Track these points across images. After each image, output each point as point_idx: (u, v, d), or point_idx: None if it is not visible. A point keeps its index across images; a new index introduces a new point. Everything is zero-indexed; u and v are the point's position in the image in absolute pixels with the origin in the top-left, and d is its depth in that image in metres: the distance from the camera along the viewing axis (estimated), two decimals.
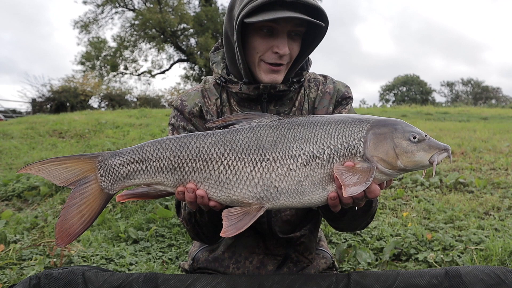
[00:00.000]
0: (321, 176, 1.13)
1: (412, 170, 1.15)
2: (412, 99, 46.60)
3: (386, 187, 1.20)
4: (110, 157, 1.18)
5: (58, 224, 1.13)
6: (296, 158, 1.13)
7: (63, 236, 1.13)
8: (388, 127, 1.15)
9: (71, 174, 1.16)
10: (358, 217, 1.41)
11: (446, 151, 1.12)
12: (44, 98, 24.55)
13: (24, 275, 2.35)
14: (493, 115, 16.48)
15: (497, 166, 5.07)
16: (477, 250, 2.54)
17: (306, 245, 1.64)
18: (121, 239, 3.00)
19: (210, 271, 1.63)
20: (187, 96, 1.55)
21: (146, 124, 9.85)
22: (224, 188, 1.15)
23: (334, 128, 1.16)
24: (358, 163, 1.12)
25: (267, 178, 1.13)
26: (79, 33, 30.87)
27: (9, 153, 6.44)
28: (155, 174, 1.17)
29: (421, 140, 1.13)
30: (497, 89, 51.97)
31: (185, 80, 34.83)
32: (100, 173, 1.17)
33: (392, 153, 1.11)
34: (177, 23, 30.81)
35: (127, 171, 1.17)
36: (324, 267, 1.69)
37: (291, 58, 1.40)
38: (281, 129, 1.17)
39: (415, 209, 3.55)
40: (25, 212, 3.76)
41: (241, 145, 1.16)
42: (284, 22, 1.32)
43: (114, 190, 1.18)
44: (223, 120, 1.24)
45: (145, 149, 1.18)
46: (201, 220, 1.41)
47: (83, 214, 1.14)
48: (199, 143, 1.17)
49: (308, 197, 1.14)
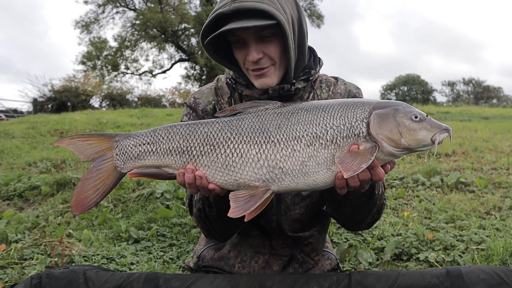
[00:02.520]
0: (325, 156, 1.15)
1: (415, 150, 1.17)
2: (413, 99, 46.59)
3: (390, 169, 1.22)
4: (125, 138, 1.26)
5: (75, 194, 1.22)
6: (300, 139, 1.16)
7: (78, 206, 1.22)
8: (390, 107, 1.17)
9: (93, 150, 1.26)
10: (361, 205, 1.40)
11: (447, 131, 1.15)
12: (45, 97, 24.62)
13: (26, 274, 2.35)
14: (494, 115, 16.46)
15: (498, 166, 5.06)
16: (478, 250, 2.54)
17: (313, 245, 1.64)
18: (122, 238, 3.00)
19: (215, 269, 1.64)
20: (200, 94, 1.58)
21: (147, 124, 9.86)
22: (231, 171, 1.18)
23: (336, 111, 1.19)
24: (361, 143, 1.14)
25: (272, 160, 1.16)
26: (80, 33, 30.96)
27: (11, 153, 6.45)
28: (164, 156, 1.23)
29: (423, 120, 1.15)
30: (498, 88, 51.96)
31: (186, 80, 34.89)
32: (116, 152, 1.25)
33: (396, 131, 1.14)
34: (178, 23, 30.83)
35: (139, 151, 1.24)
36: (329, 268, 1.70)
37: (273, 59, 1.40)
38: (285, 113, 1.21)
39: (416, 208, 3.54)
40: (26, 211, 3.76)
41: (247, 129, 1.20)
42: (243, 31, 1.34)
43: (126, 169, 1.25)
44: (231, 110, 1.27)
45: (157, 132, 1.25)
46: (210, 214, 1.44)
47: (98, 188, 1.23)
48: (207, 128, 1.22)
49: (312, 178, 1.16)
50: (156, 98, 28.46)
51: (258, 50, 1.36)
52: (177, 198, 3.66)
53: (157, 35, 31.65)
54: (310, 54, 1.56)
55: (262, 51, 1.37)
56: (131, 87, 37.41)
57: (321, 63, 1.58)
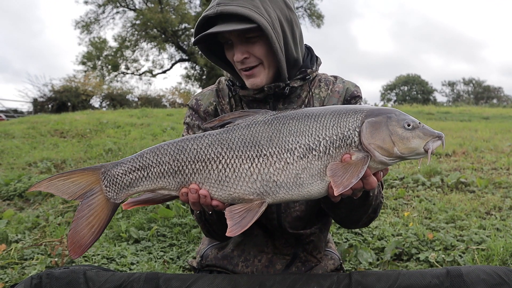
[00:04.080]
0: (319, 167, 1.15)
1: (408, 158, 1.16)
2: (414, 99, 46.58)
3: (383, 176, 1.22)
4: (112, 168, 1.21)
5: (70, 236, 1.16)
6: (292, 152, 1.15)
7: (75, 248, 1.16)
8: (382, 115, 1.16)
9: (78, 187, 1.19)
10: (356, 207, 1.42)
11: (440, 139, 1.14)
12: (45, 98, 24.62)
13: (26, 274, 2.35)
14: (495, 115, 16.46)
15: (499, 166, 5.06)
16: (478, 250, 2.54)
17: (315, 243, 1.65)
18: (122, 238, 3.00)
19: (219, 268, 1.65)
20: (202, 96, 1.61)
21: (147, 124, 9.86)
22: (225, 186, 1.17)
23: (328, 120, 1.17)
24: (353, 153, 1.14)
25: (265, 173, 1.15)
26: (81, 33, 30.95)
27: (11, 153, 6.45)
28: (157, 180, 1.20)
29: (415, 128, 1.15)
30: (498, 88, 52.00)
31: (186, 80, 34.88)
32: (105, 184, 1.20)
33: (389, 140, 1.13)
34: (178, 23, 30.82)
35: (130, 179, 1.20)
36: (332, 268, 1.70)
37: (260, 59, 1.41)
38: (276, 124, 1.19)
39: (416, 208, 3.54)
40: (27, 211, 3.76)
41: (238, 143, 1.18)
42: (228, 33, 1.37)
43: (120, 199, 1.21)
44: (219, 120, 1.26)
45: (145, 156, 1.20)
46: (211, 218, 1.46)
47: (92, 225, 1.17)
48: (196, 145, 1.19)
49: (307, 189, 1.16)
50: (156, 98, 28.45)
51: (243, 51, 1.38)
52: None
53: (157, 35, 31.65)
54: (307, 53, 1.57)
55: (247, 51, 1.39)
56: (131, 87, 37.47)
57: (319, 62, 1.59)
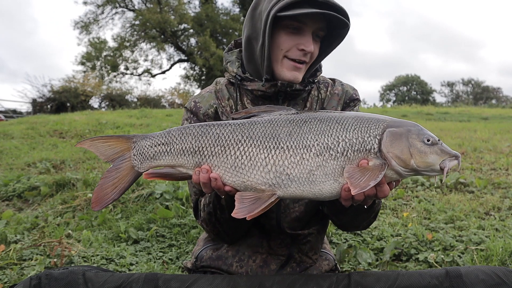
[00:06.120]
0: (334, 167, 1.16)
1: (423, 173, 1.17)
2: (413, 99, 46.64)
3: (395, 186, 1.23)
4: (141, 139, 1.31)
5: (96, 191, 1.29)
6: (309, 148, 1.17)
7: (97, 202, 1.29)
8: (403, 127, 1.19)
9: (112, 151, 1.32)
10: (362, 212, 1.42)
11: (457, 159, 1.16)
12: (44, 98, 24.58)
13: (25, 275, 2.35)
14: (494, 115, 16.49)
15: (498, 166, 5.07)
16: (477, 250, 2.54)
17: (312, 244, 1.65)
18: (121, 239, 3.00)
19: (213, 269, 1.64)
20: (200, 98, 1.58)
21: (146, 124, 9.85)
22: (239, 173, 1.20)
23: (351, 124, 1.19)
24: (371, 159, 1.15)
25: (279, 165, 1.18)
26: (80, 33, 30.96)
27: (10, 153, 6.44)
28: (178, 156, 1.27)
29: (434, 144, 1.16)
30: (497, 89, 52.01)
31: (185, 80, 34.89)
32: (133, 153, 1.31)
33: (407, 151, 1.15)
34: (177, 23, 30.84)
35: (154, 152, 1.29)
36: (327, 268, 1.70)
37: (312, 58, 1.46)
38: (298, 121, 1.22)
39: (416, 209, 3.55)
40: (26, 212, 3.76)
41: (258, 133, 1.22)
42: (311, 22, 1.40)
43: (143, 168, 1.30)
44: (246, 112, 1.30)
45: (171, 133, 1.29)
46: (222, 217, 1.45)
47: (116, 186, 1.30)
48: (219, 130, 1.25)
49: (318, 187, 1.17)
50: (155, 99, 28.43)
51: (314, 45, 1.43)
52: (177, 198, 3.66)
53: (157, 35, 31.65)
54: None
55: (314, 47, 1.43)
56: (130, 88, 37.49)
57: (321, 64, 1.61)
